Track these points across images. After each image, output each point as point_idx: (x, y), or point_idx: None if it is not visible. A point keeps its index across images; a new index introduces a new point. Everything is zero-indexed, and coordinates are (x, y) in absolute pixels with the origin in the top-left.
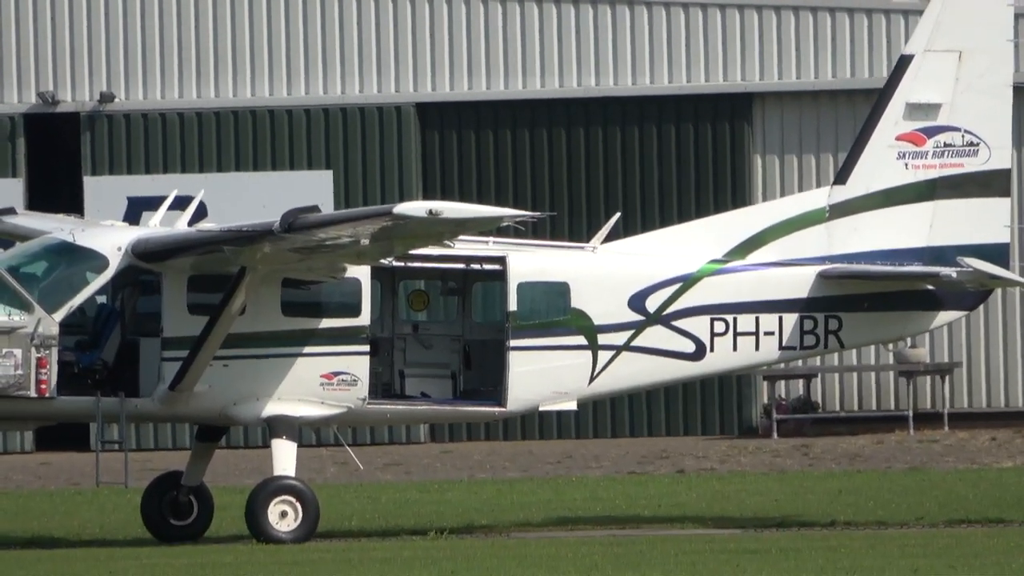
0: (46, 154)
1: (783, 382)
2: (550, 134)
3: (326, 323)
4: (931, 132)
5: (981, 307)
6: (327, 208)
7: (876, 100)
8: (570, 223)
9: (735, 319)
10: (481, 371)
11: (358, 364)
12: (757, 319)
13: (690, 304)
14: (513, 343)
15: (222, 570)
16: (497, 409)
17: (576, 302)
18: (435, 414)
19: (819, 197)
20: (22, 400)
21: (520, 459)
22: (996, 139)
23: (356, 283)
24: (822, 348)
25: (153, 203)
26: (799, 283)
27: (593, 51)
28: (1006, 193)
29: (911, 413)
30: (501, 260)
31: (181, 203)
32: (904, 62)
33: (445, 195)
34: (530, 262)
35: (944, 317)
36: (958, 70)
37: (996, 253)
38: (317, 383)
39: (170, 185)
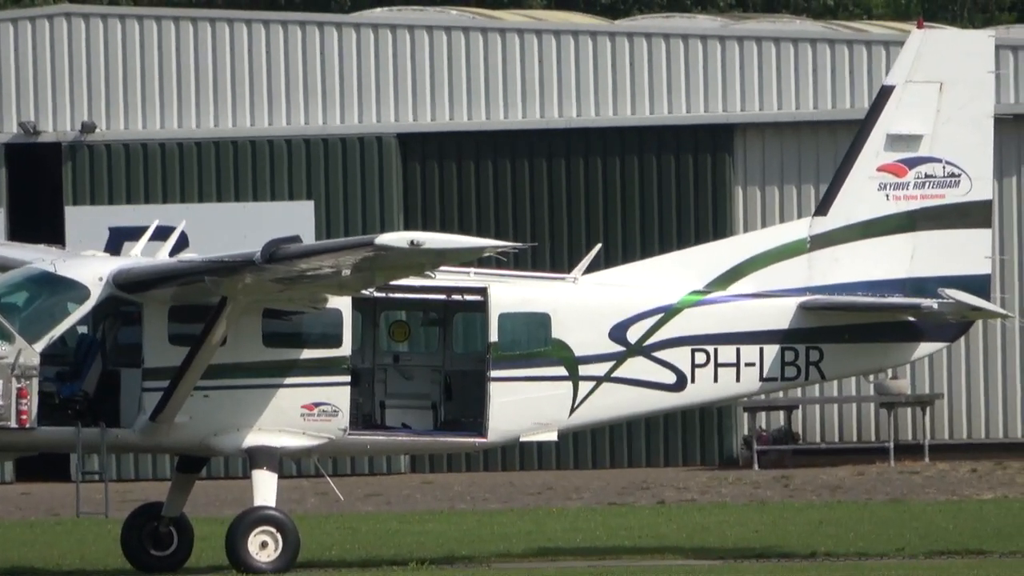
0: (27, 184)
1: (764, 413)
2: (531, 165)
3: (307, 354)
4: (912, 163)
5: (962, 339)
6: (308, 239)
7: (857, 131)
8: (551, 254)
9: (716, 350)
10: (462, 402)
11: (339, 395)
12: (738, 350)
13: (671, 335)
14: (494, 374)
15: None
16: (478, 440)
17: (557, 333)
18: (416, 445)
19: (800, 228)
20: (2, 431)
21: (501, 490)
22: (977, 170)
23: (337, 314)
24: (803, 379)
25: (134, 233)
26: (780, 314)
27: (575, 82)
28: (987, 224)
29: (892, 444)
30: (482, 291)
31: (162, 233)
32: (885, 93)
33: (426, 226)
34: (511, 293)
35: (925, 348)
36: (939, 101)
37: (977, 284)
38: (298, 414)
39: (151, 215)
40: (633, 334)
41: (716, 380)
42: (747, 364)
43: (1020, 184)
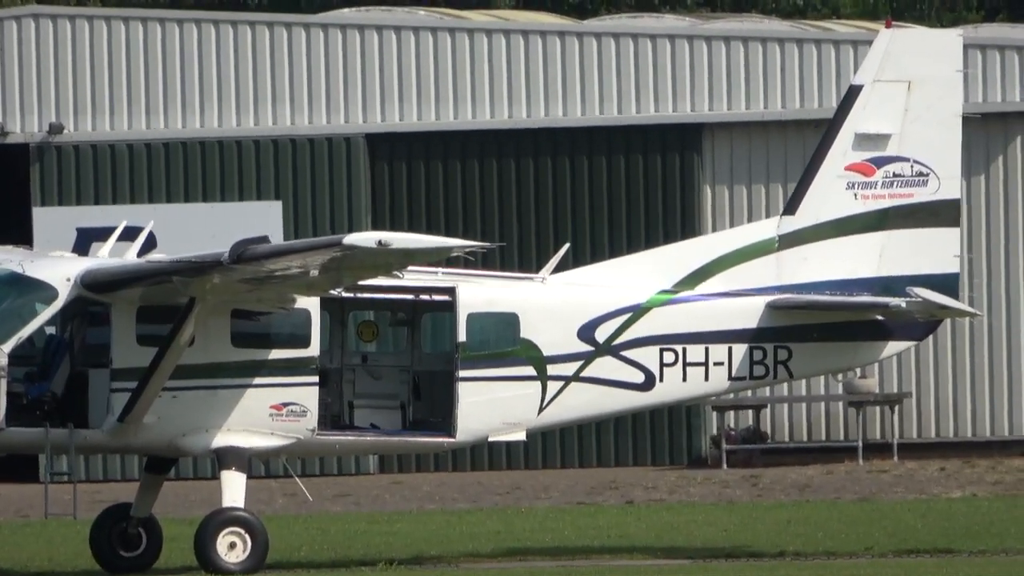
0: None
1: (732, 412)
2: (500, 165)
3: (275, 354)
4: (880, 162)
5: (930, 337)
6: (276, 239)
7: (825, 130)
8: (519, 254)
9: (684, 349)
10: (430, 402)
11: (307, 395)
12: (707, 349)
13: (639, 334)
14: (462, 374)
15: None
16: (446, 440)
17: (525, 333)
18: (384, 445)
19: (768, 227)
20: None
21: (469, 490)
22: (946, 169)
23: (305, 314)
24: (772, 378)
25: (102, 234)
26: (749, 313)
27: (543, 82)
28: (956, 223)
29: (860, 443)
30: (450, 291)
31: (130, 234)
32: (853, 92)
33: (394, 226)
34: (479, 293)
35: (894, 347)
36: (907, 100)
37: (946, 283)
38: (266, 414)
39: (119, 216)
40: (601, 333)
41: (685, 379)
42: (716, 363)
43: (988, 183)
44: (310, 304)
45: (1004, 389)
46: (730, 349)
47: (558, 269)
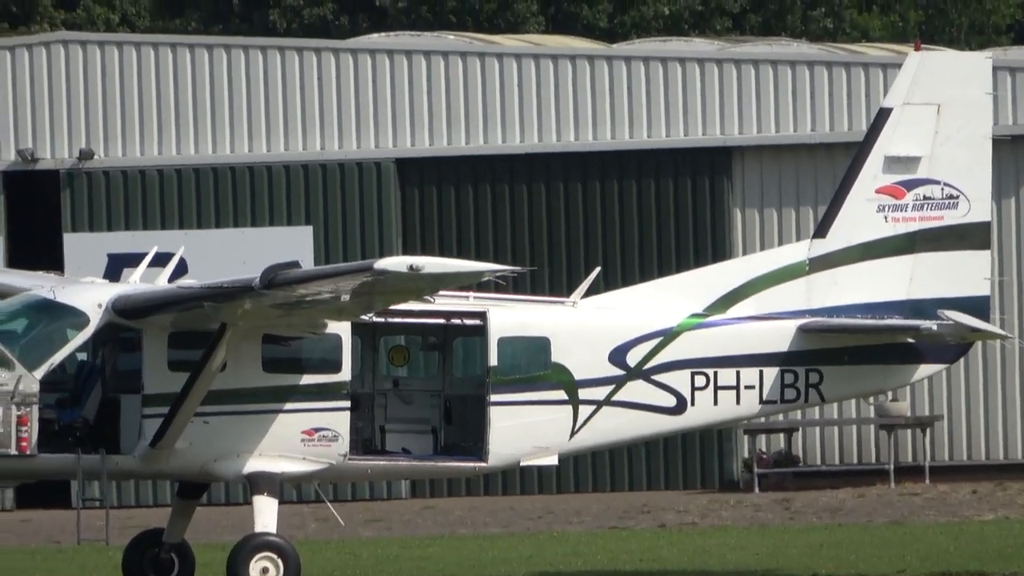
0: (26, 212)
1: (764, 436)
2: (530, 188)
3: (307, 379)
4: (911, 185)
5: (962, 360)
6: (307, 264)
7: (855, 153)
8: (550, 278)
9: (716, 373)
10: (462, 426)
11: (339, 420)
12: (738, 373)
13: (671, 358)
14: (494, 398)
15: None
16: (478, 464)
17: (557, 357)
18: (416, 470)
19: (799, 251)
20: (2, 458)
21: (501, 514)
22: (976, 192)
23: (337, 339)
24: (803, 402)
25: (133, 260)
26: (780, 337)
27: (572, 106)
28: (986, 246)
29: (892, 466)
30: (482, 315)
31: (161, 260)
32: (883, 115)
33: (425, 250)
34: (511, 317)
35: (925, 370)
36: (937, 123)
37: (976, 306)
38: (298, 439)
39: (150, 242)
40: (633, 357)
41: (716, 403)
42: (747, 387)
43: (1019, 205)
44: (341, 329)
45: None
46: (761, 372)
47: (589, 293)
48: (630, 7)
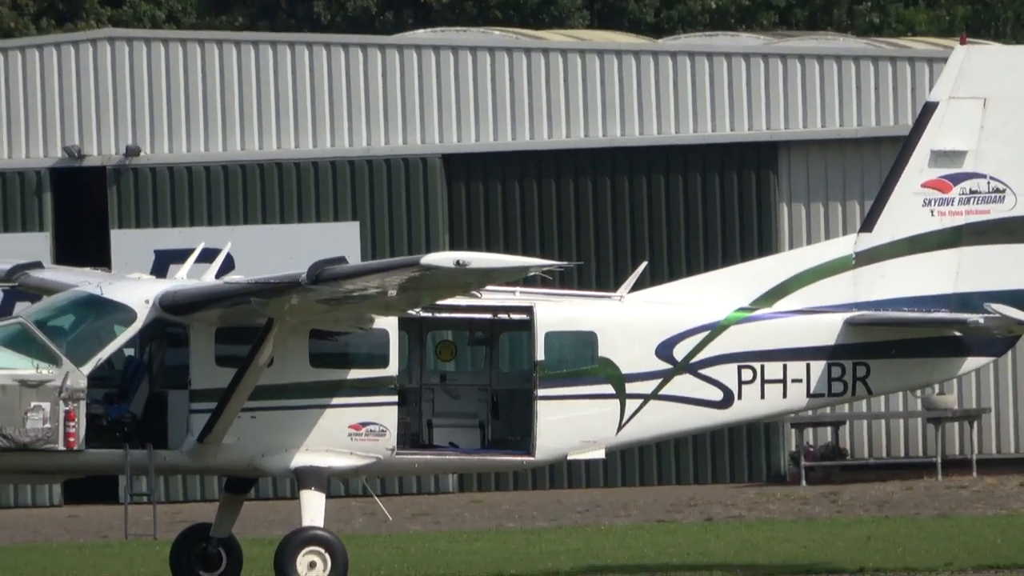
0: (73, 208)
1: (811, 429)
2: (576, 183)
3: (354, 374)
4: (957, 179)
5: (1009, 353)
6: (354, 260)
7: (901, 147)
8: (597, 272)
9: (763, 367)
10: (509, 420)
11: (386, 414)
12: (785, 367)
13: (718, 352)
14: (541, 392)
15: None
16: (525, 458)
17: (604, 351)
18: (463, 464)
19: (845, 245)
20: (50, 453)
21: (548, 508)
22: (1022, 185)
23: (384, 334)
24: (850, 395)
25: (180, 256)
26: (827, 330)
27: (619, 101)
28: None
29: (939, 459)
30: (528, 310)
31: (208, 255)
32: (929, 109)
33: (472, 245)
34: (557, 311)
35: (972, 363)
36: (983, 117)
37: (1023, 299)
38: (345, 434)
39: (197, 238)
40: (680, 351)
41: (763, 397)
42: (794, 380)
43: None
44: (388, 324)
45: None
46: (808, 366)
47: (636, 287)
48: (676, 2)
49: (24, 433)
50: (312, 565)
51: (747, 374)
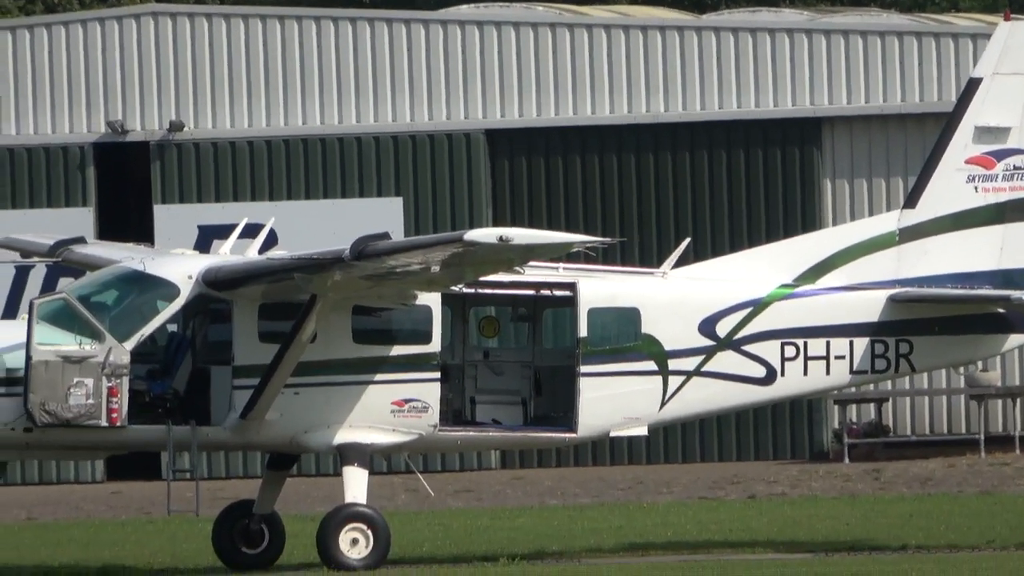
0: (116, 183)
1: (854, 406)
2: (619, 159)
3: (397, 350)
4: (1000, 155)
5: None
6: (397, 235)
7: (945, 124)
8: (640, 249)
9: (806, 343)
10: (552, 397)
11: (429, 391)
12: (828, 343)
13: (760, 329)
14: (584, 369)
15: None
16: (568, 435)
17: (647, 328)
18: (506, 440)
19: (889, 221)
20: (93, 429)
21: (591, 485)
22: None
23: (427, 310)
24: (893, 372)
25: (223, 231)
26: (870, 307)
27: (662, 77)
28: None
29: (982, 436)
30: (571, 286)
31: (251, 231)
32: (973, 85)
33: (515, 221)
34: (600, 288)
35: (1015, 340)
36: None
37: None
38: (388, 410)
39: (240, 213)
40: (723, 328)
41: (806, 373)
42: (837, 357)
43: None
44: (431, 300)
45: None
46: (851, 343)
47: (679, 264)
48: None
49: (67, 409)
50: (355, 542)
51: (790, 351)
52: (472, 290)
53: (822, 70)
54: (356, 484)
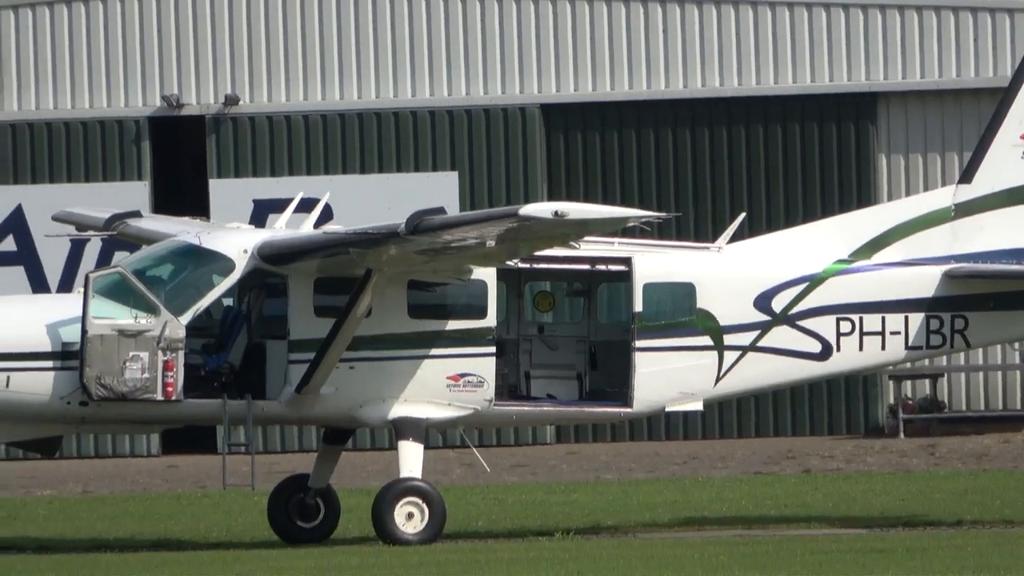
0: (171, 157)
1: (909, 382)
2: (675, 134)
3: (452, 325)
4: None
5: None
6: (452, 210)
7: (1000, 99)
8: (695, 223)
9: (861, 319)
10: (607, 372)
11: (484, 366)
12: (883, 319)
13: (816, 304)
14: (639, 344)
15: (349, 572)
16: (623, 410)
17: (702, 303)
18: (561, 415)
19: (944, 196)
20: (149, 403)
21: (646, 460)
22: None
23: (482, 285)
24: (948, 347)
25: (279, 205)
26: (925, 282)
27: (717, 51)
28: None
29: None
30: (627, 261)
31: (307, 205)
32: None
33: (570, 196)
34: (656, 263)
35: None
36: None
37: None
38: (443, 385)
39: (295, 187)
40: (778, 303)
41: (861, 349)
42: (892, 332)
43: None
44: (487, 275)
45: None
46: (907, 318)
47: (734, 238)
48: None
49: (123, 383)
50: (410, 516)
51: (845, 326)
52: (527, 265)
53: (877, 45)
54: (411, 458)
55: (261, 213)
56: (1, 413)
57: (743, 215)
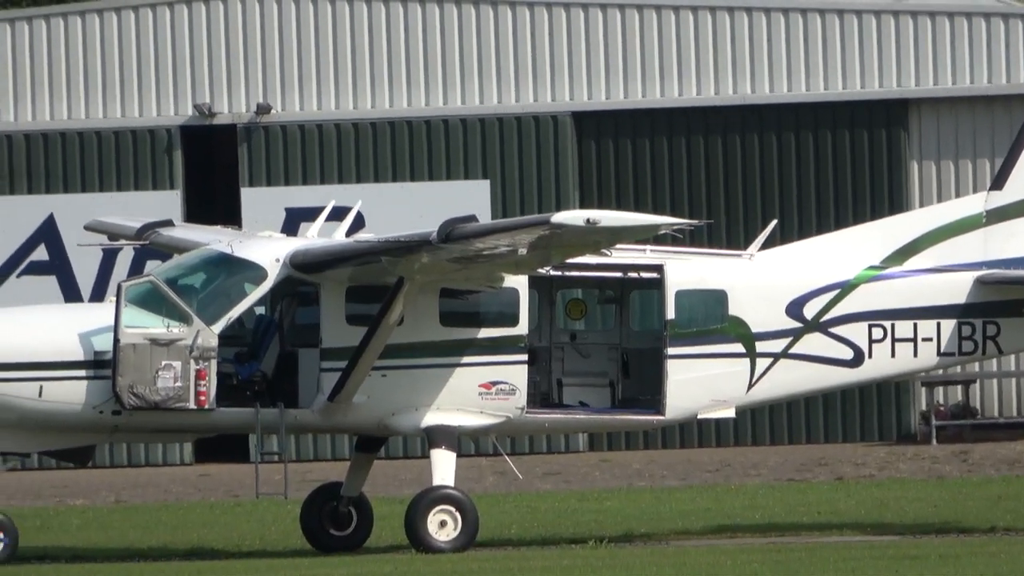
0: (203, 166)
1: (942, 388)
2: (706, 141)
3: (484, 333)
4: None
5: None
6: (484, 218)
7: None
8: (727, 231)
9: (893, 325)
10: (639, 380)
11: (516, 373)
12: (915, 325)
13: (848, 311)
14: (671, 351)
15: None
16: (655, 417)
17: (734, 310)
18: (593, 423)
19: (976, 203)
20: (181, 412)
21: (679, 467)
22: None
23: (514, 292)
24: (980, 354)
25: (311, 214)
26: (957, 289)
27: (748, 58)
28: None
29: None
30: (659, 268)
31: (339, 214)
32: None
33: (602, 204)
34: (688, 270)
35: None
36: None
37: None
38: (476, 393)
39: (327, 196)
40: (810, 310)
41: (893, 355)
42: (924, 339)
43: None
44: (518, 282)
45: None
46: (939, 325)
47: (766, 246)
48: None
49: (155, 392)
50: (443, 524)
51: (877, 333)
52: (559, 272)
53: (909, 52)
54: (444, 466)
55: (293, 222)
56: (34, 423)
57: (775, 222)
